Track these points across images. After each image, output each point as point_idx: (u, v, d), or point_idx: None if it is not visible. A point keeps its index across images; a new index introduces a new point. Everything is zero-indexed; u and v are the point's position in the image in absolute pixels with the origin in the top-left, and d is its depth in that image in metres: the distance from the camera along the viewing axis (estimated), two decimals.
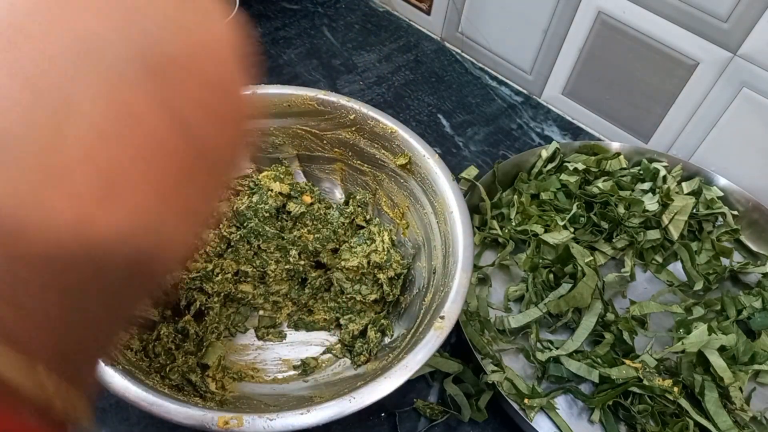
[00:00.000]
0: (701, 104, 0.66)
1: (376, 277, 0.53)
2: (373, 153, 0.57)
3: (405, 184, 0.56)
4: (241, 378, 0.49)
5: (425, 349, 0.41)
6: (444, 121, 0.75)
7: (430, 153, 0.53)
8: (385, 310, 0.54)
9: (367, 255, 0.53)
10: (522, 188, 0.64)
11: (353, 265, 0.52)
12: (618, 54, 0.69)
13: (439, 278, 0.49)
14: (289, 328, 0.54)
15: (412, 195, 0.55)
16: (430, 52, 0.85)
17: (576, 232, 0.60)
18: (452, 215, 0.50)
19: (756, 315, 0.56)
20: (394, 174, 0.56)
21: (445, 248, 0.50)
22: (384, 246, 0.54)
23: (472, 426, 0.50)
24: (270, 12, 0.88)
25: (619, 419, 0.50)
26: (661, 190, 0.63)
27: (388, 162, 0.56)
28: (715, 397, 0.49)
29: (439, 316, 0.43)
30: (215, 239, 0.52)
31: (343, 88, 0.78)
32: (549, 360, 0.52)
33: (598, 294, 0.55)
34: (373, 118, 0.55)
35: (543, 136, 0.76)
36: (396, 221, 0.57)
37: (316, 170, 0.60)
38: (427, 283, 0.51)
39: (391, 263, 0.53)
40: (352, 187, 0.60)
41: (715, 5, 0.60)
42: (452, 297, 0.44)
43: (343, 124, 0.56)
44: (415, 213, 0.55)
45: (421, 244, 0.55)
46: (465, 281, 0.45)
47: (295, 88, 0.56)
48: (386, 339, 0.51)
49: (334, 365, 0.51)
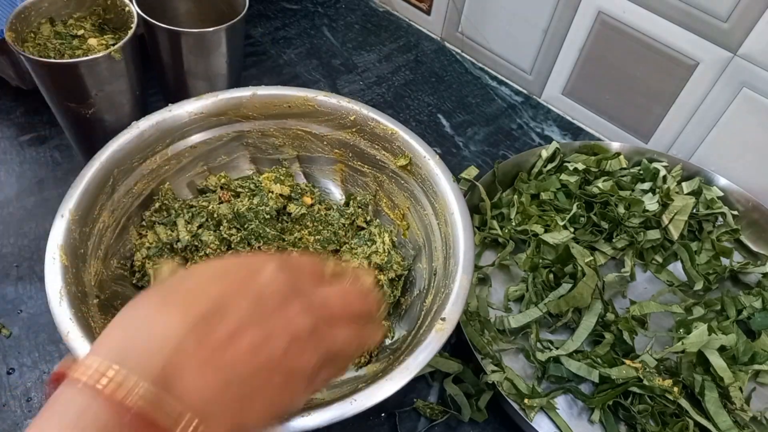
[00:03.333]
0: (701, 104, 0.66)
1: (376, 278, 0.53)
2: (374, 154, 0.57)
3: (405, 185, 0.56)
4: None
5: (426, 351, 0.41)
6: (444, 121, 0.76)
7: (431, 154, 0.53)
8: (385, 312, 0.53)
9: (367, 256, 0.53)
10: (522, 188, 0.64)
11: (354, 266, 0.52)
12: (618, 54, 0.69)
13: (440, 280, 0.49)
14: None
15: (413, 196, 0.55)
16: (430, 52, 0.85)
17: (576, 232, 0.60)
18: (453, 216, 0.49)
19: (756, 315, 0.56)
20: (394, 175, 0.56)
21: (445, 249, 0.50)
22: (384, 247, 0.54)
23: (472, 426, 0.50)
24: (270, 12, 0.88)
25: (619, 419, 0.50)
26: (661, 190, 0.63)
27: (388, 163, 0.56)
28: (715, 397, 0.49)
29: (441, 317, 0.43)
30: (215, 241, 0.52)
31: (343, 88, 0.78)
32: (549, 360, 0.52)
33: (598, 294, 0.55)
34: (373, 119, 0.55)
35: (543, 136, 0.76)
36: (396, 222, 0.57)
37: (317, 171, 0.60)
38: (427, 284, 0.51)
39: (392, 264, 0.53)
40: (352, 188, 0.60)
41: (715, 5, 0.60)
42: (453, 299, 0.44)
43: (343, 125, 0.56)
44: (416, 214, 0.55)
45: (422, 245, 0.54)
46: (466, 283, 0.45)
47: (295, 89, 0.56)
48: (387, 341, 0.51)
49: None
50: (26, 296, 0.54)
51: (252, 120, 0.56)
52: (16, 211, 0.59)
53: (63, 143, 0.65)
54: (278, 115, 0.56)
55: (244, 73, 0.77)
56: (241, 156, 0.59)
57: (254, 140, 0.58)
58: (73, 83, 0.53)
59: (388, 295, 0.53)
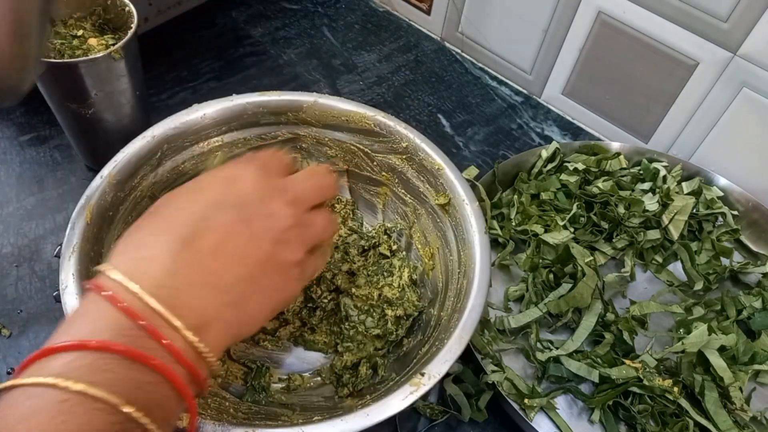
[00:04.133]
0: (701, 104, 0.66)
1: (384, 312, 0.51)
2: (418, 185, 0.55)
3: (440, 225, 0.54)
4: (226, 376, 0.48)
5: (390, 404, 0.38)
6: (444, 121, 0.76)
7: (471, 199, 0.51)
8: (385, 348, 0.51)
9: (380, 287, 0.52)
10: (522, 188, 0.64)
11: (363, 294, 0.51)
12: (618, 54, 0.69)
13: (440, 332, 0.46)
14: (289, 341, 0.52)
15: (445, 237, 0.53)
16: (430, 52, 0.85)
17: (576, 232, 0.60)
18: (474, 270, 0.47)
19: (756, 315, 0.56)
20: (433, 212, 0.54)
21: (455, 302, 0.47)
22: (400, 282, 0.52)
23: (472, 426, 0.50)
24: (270, 12, 0.88)
25: (619, 419, 0.50)
26: (661, 190, 0.63)
27: (429, 198, 0.54)
28: (715, 397, 0.49)
29: (420, 372, 0.39)
30: None
31: (343, 88, 0.78)
32: (549, 360, 0.52)
33: (598, 294, 0.55)
34: (424, 150, 0.54)
35: (543, 136, 0.76)
36: (425, 260, 0.55)
37: (362, 190, 0.60)
38: (431, 332, 0.48)
39: (403, 302, 0.51)
40: (392, 215, 0.59)
41: (715, 5, 0.60)
42: (441, 356, 0.41)
43: (395, 149, 0.55)
44: (443, 257, 0.53)
45: (440, 290, 0.52)
46: (458, 347, 0.41)
47: (356, 105, 0.55)
48: (377, 378, 0.49)
49: (319, 389, 0.50)
50: (26, 296, 0.54)
51: (309, 126, 0.56)
52: (16, 211, 0.59)
53: (63, 143, 0.65)
54: (335, 126, 0.56)
55: (245, 73, 0.77)
56: (293, 158, 0.58)
57: (308, 146, 0.58)
58: (73, 83, 0.53)
59: (391, 332, 0.51)
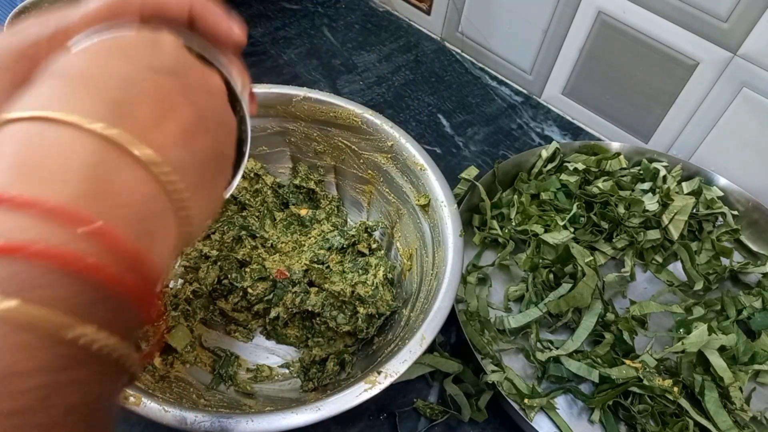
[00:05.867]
0: (701, 104, 0.66)
1: (356, 309, 0.51)
2: (401, 185, 0.56)
3: (420, 226, 0.54)
4: (194, 362, 0.48)
5: (343, 400, 0.37)
6: (444, 121, 0.75)
7: (449, 201, 0.51)
8: (355, 346, 0.51)
9: (353, 284, 0.52)
10: (522, 188, 0.64)
11: (336, 290, 0.51)
12: (618, 54, 0.69)
13: (406, 332, 0.46)
14: (261, 334, 0.53)
15: (423, 239, 0.53)
16: (430, 52, 0.85)
17: (576, 232, 0.60)
18: (444, 272, 0.46)
19: (756, 315, 0.56)
20: (414, 212, 0.55)
21: (424, 303, 0.47)
22: (374, 281, 0.52)
23: (472, 426, 0.50)
24: (270, 12, 0.88)
25: (619, 419, 0.50)
26: (661, 190, 0.63)
27: (411, 198, 0.55)
28: (715, 397, 0.49)
29: (377, 370, 0.39)
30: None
31: (343, 88, 0.78)
32: (549, 360, 0.52)
33: (598, 294, 0.55)
34: (408, 150, 0.54)
35: (543, 136, 0.76)
36: (404, 260, 0.56)
37: (349, 187, 0.60)
38: (400, 332, 0.48)
39: (376, 300, 0.51)
40: (376, 214, 0.59)
41: (715, 5, 0.60)
42: (401, 355, 0.40)
43: (381, 148, 0.56)
44: (420, 258, 0.53)
45: (413, 291, 0.52)
46: (418, 348, 0.41)
47: (345, 101, 0.56)
48: (343, 374, 0.49)
49: (285, 382, 0.49)
50: None
51: (299, 120, 0.57)
52: None
53: None
54: (324, 122, 0.57)
55: None
56: (282, 151, 0.59)
57: (297, 140, 0.58)
58: None
59: (362, 330, 0.50)
